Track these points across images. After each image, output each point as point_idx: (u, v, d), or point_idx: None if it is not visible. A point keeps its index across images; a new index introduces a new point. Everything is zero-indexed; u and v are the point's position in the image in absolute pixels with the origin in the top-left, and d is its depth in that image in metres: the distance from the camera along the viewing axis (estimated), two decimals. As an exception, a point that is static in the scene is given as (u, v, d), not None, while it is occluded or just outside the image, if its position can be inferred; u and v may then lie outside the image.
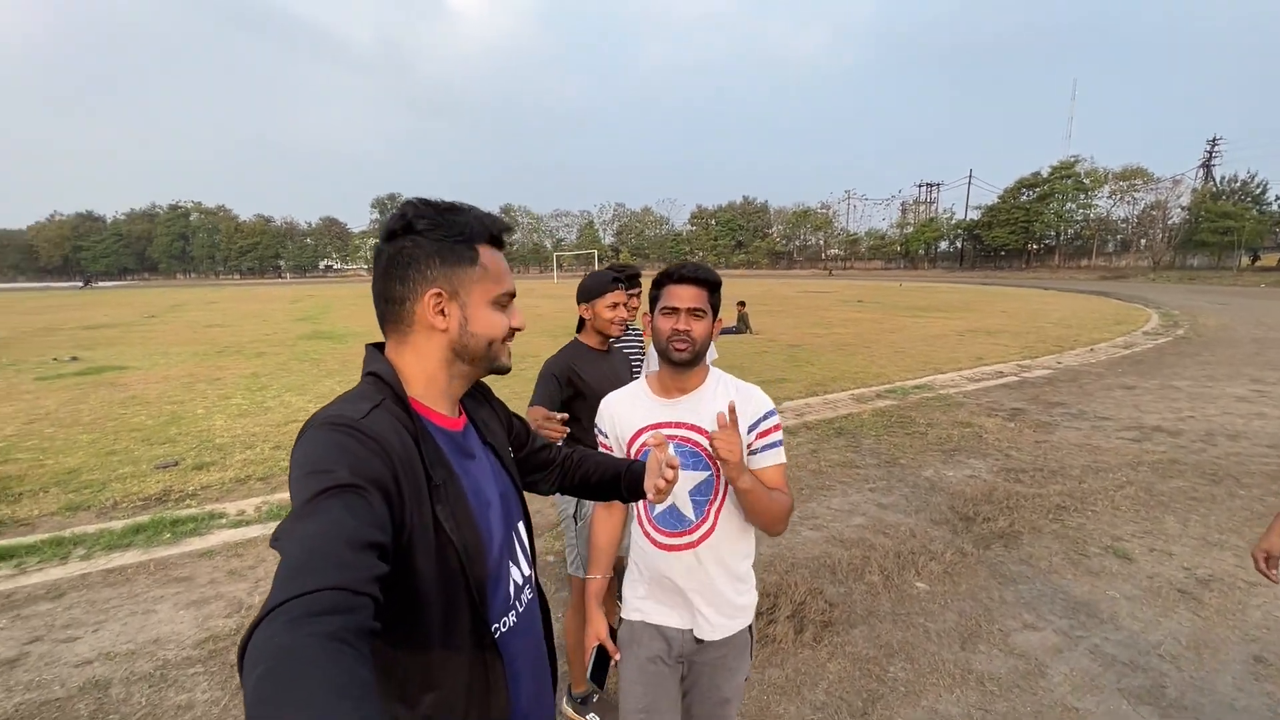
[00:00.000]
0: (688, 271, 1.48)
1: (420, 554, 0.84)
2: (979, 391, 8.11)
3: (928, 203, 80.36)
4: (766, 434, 1.49)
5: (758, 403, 1.51)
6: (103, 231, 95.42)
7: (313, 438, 0.80)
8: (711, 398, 1.51)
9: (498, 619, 0.98)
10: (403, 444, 0.84)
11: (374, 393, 0.89)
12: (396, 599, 0.82)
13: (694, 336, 1.46)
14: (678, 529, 1.53)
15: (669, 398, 1.55)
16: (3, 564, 3.66)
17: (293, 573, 0.61)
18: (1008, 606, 3.10)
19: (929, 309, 21.12)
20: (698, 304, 1.46)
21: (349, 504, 0.71)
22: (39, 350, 12.97)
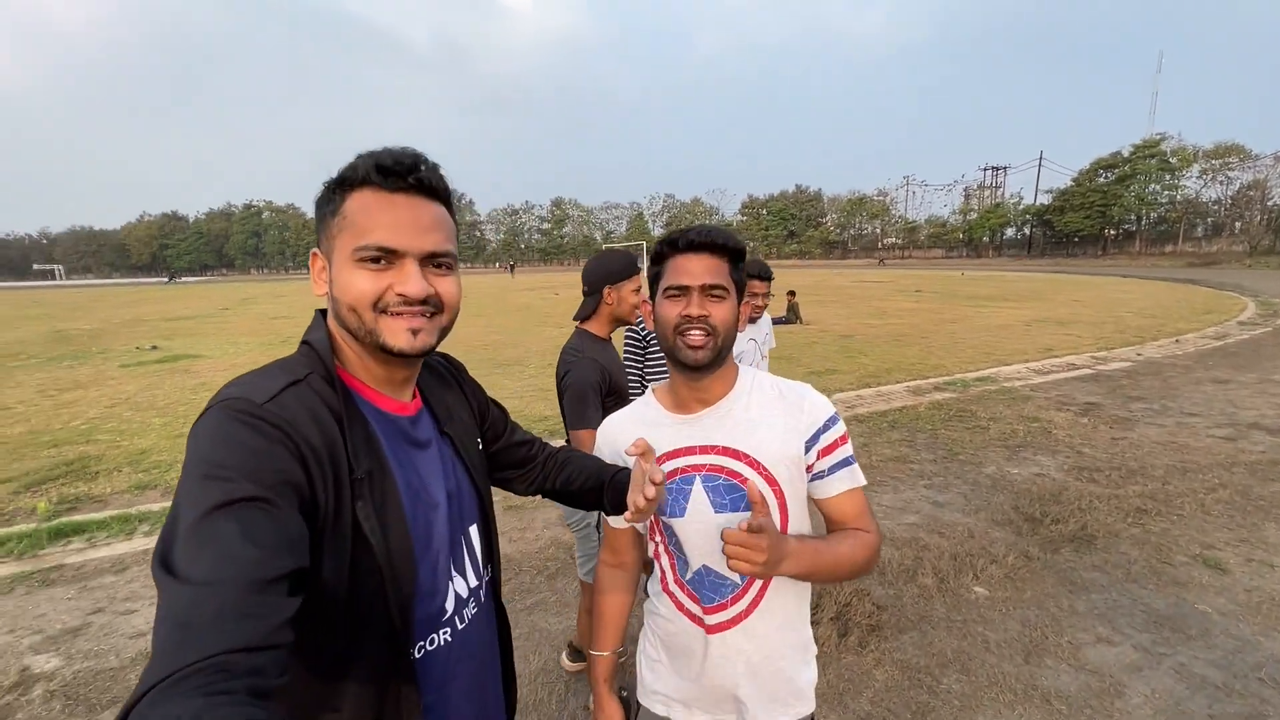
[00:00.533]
0: (697, 235, 1.06)
1: (329, 554, 0.71)
2: (1048, 384, 7.58)
3: (993, 187, 76.45)
4: (831, 449, 1.09)
5: (814, 408, 1.10)
6: (185, 230, 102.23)
7: (210, 424, 0.67)
8: (745, 408, 1.11)
9: (424, 637, 0.84)
10: (321, 430, 0.72)
11: (301, 365, 0.78)
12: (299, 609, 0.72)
13: (714, 324, 1.04)
14: (717, 600, 1.11)
15: (687, 413, 1.14)
16: (76, 538, 3.89)
17: (178, 634, 0.51)
18: (1079, 617, 2.82)
19: (993, 298, 20.02)
20: (715, 279, 1.05)
21: (248, 525, 0.59)
22: (125, 340, 13.93)
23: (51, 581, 3.39)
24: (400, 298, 0.78)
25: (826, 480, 1.10)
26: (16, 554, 3.67)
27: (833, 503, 1.11)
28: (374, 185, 0.78)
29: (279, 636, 0.55)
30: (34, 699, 2.45)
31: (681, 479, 1.11)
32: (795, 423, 1.09)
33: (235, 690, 0.49)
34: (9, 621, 3.00)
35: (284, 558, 0.60)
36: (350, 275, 0.78)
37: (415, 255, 0.79)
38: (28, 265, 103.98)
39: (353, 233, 0.77)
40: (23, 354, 11.92)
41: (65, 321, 18.98)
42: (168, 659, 0.49)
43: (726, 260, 1.08)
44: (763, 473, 1.08)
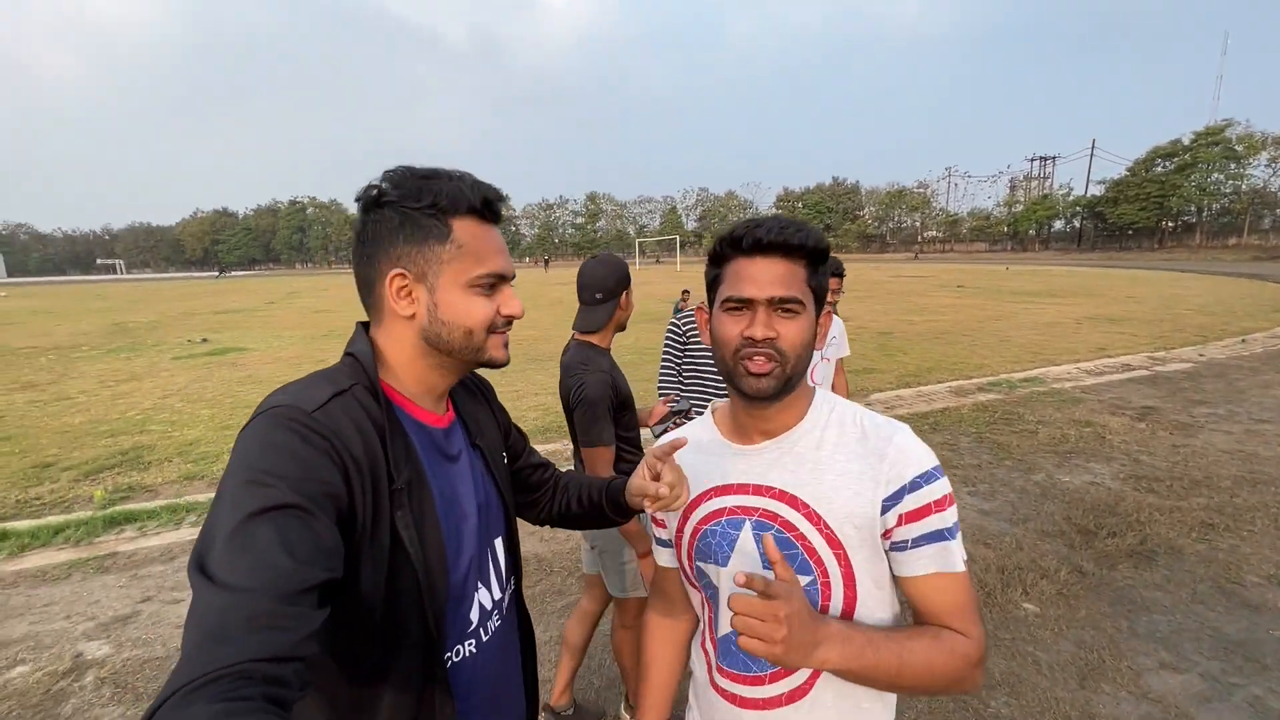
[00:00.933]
0: (766, 233, 0.84)
1: (368, 564, 0.74)
2: (1100, 386, 7.22)
3: (1041, 178, 73.61)
4: (919, 515, 0.83)
5: (901, 456, 0.85)
6: (235, 226, 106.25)
7: (259, 430, 0.69)
8: (815, 445, 0.90)
9: (451, 648, 0.85)
10: (364, 441, 0.74)
11: (345, 376, 0.79)
12: (338, 615, 0.71)
13: (782, 348, 0.84)
14: (753, 670, 0.91)
15: (746, 443, 0.94)
16: (129, 526, 4.04)
17: (208, 638, 0.53)
18: (1139, 640, 2.66)
19: (1040, 294, 19.26)
20: (787, 290, 0.83)
21: (286, 534, 0.60)
22: (178, 333, 14.52)
23: (105, 569, 3.52)
24: (507, 319, 0.86)
25: (908, 555, 0.84)
26: (74, 541, 3.84)
27: (916, 586, 0.85)
28: (478, 216, 0.83)
29: (303, 649, 0.57)
30: (85, 685, 2.54)
31: (728, 521, 0.92)
32: (874, 473, 0.85)
33: (254, 698, 0.50)
34: (65, 607, 3.13)
35: (317, 569, 0.61)
36: (469, 300, 0.82)
37: (510, 279, 0.87)
38: (92, 260, 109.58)
39: (470, 261, 0.81)
40: (85, 345, 12.54)
41: (124, 314, 19.90)
42: (195, 663, 0.51)
43: (804, 264, 0.86)
44: (824, 530, 0.86)
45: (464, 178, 0.82)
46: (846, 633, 0.78)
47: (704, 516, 0.95)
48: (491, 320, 0.84)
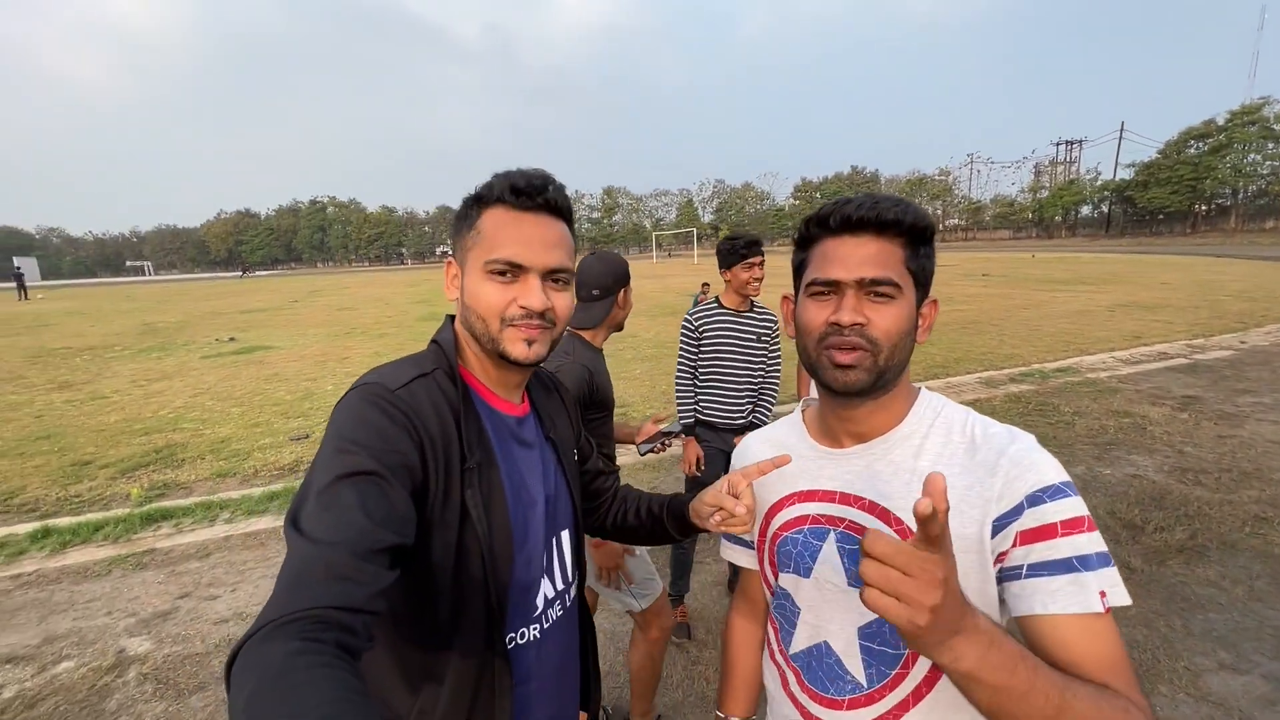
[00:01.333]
0: (859, 209, 0.75)
1: (439, 538, 0.79)
2: (1138, 375, 7.01)
3: (1067, 163, 71.78)
4: (1041, 536, 0.68)
5: (1017, 469, 0.71)
6: (257, 227, 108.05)
7: (350, 404, 0.76)
8: (914, 453, 0.79)
9: (516, 629, 0.89)
10: (440, 420, 0.79)
11: (429, 360, 0.86)
12: (409, 581, 0.78)
13: (874, 336, 0.74)
14: (835, 694, 0.81)
15: (834, 446, 0.86)
16: (165, 523, 4.11)
17: (293, 583, 0.59)
18: (1195, 640, 2.55)
19: (1069, 281, 18.79)
20: (882, 271, 0.74)
21: (365, 497, 0.67)
22: (206, 332, 14.79)
23: (144, 565, 3.58)
24: (522, 310, 0.84)
25: (1025, 585, 0.67)
26: (113, 538, 3.91)
27: (1042, 629, 0.66)
28: (507, 204, 0.85)
29: (374, 604, 0.61)
30: (129, 681, 2.58)
31: (811, 530, 0.85)
32: (982, 488, 0.72)
33: (326, 641, 0.54)
34: (106, 603, 3.18)
35: (390, 532, 0.66)
36: (480, 286, 0.84)
37: (538, 270, 0.84)
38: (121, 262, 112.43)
39: (485, 247, 0.84)
40: (118, 345, 12.82)
41: (153, 315, 20.34)
42: (280, 603, 0.57)
43: (901, 244, 0.76)
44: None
45: (513, 171, 0.86)
46: (998, 635, 0.58)
47: (786, 522, 0.87)
48: (504, 310, 0.84)
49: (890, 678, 0.77)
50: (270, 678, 0.49)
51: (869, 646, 0.79)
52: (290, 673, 0.50)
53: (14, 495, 4.66)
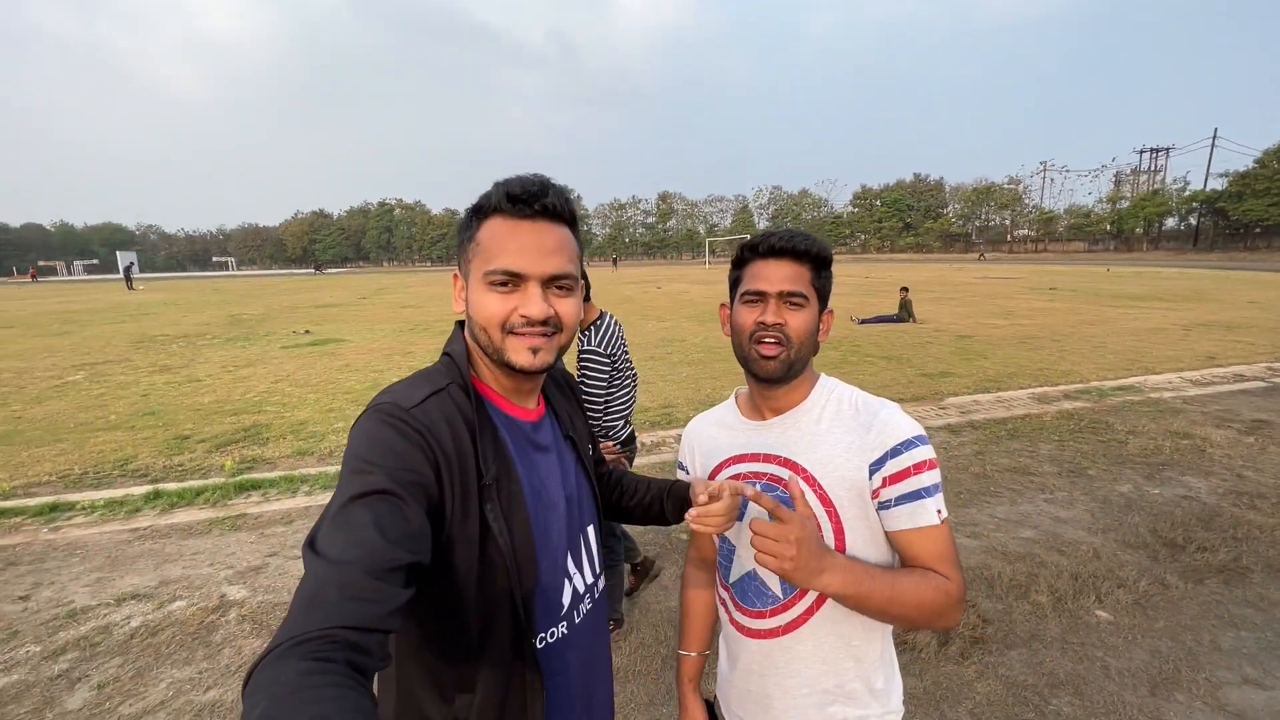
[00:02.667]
0: (779, 240, 1.02)
1: (461, 553, 0.80)
2: (1206, 397, 6.72)
3: (1151, 171, 67.41)
4: (900, 478, 0.97)
5: (886, 427, 0.99)
6: (330, 226, 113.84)
7: (364, 425, 0.78)
8: (815, 420, 1.05)
9: (545, 629, 0.90)
10: (454, 437, 0.80)
11: (443, 375, 0.87)
12: (435, 597, 0.80)
13: (789, 334, 1.00)
14: (757, 606, 1.08)
15: (758, 419, 1.11)
16: (254, 492, 4.61)
17: (307, 603, 0.60)
18: (1222, 654, 2.58)
19: (1145, 298, 17.80)
20: (795, 286, 1.01)
21: (380, 516, 0.68)
22: (284, 325, 15.90)
23: (238, 527, 4.06)
24: (524, 319, 0.84)
25: (892, 512, 0.98)
26: (211, 502, 4.43)
27: (900, 539, 0.99)
28: (504, 213, 0.84)
29: (386, 623, 0.62)
30: (230, 620, 2.99)
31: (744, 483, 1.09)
32: (861, 442, 0.99)
33: (337, 660, 0.56)
34: (209, 557, 3.65)
35: (404, 551, 0.67)
36: (482, 297, 0.85)
37: (537, 278, 0.84)
38: (208, 257, 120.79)
39: (484, 258, 0.84)
40: (209, 334, 14.00)
41: (238, 307, 21.95)
42: (294, 624, 0.58)
43: (809, 266, 1.03)
44: (818, 491, 1.01)
45: (510, 179, 0.86)
46: (848, 563, 0.92)
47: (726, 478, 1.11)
48: (505, 319, 0.84)
49: (798, 590, 1.04)
50: (281, 697, 0.51)
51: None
52: (300, 692, 0.51)
53: (128, 462, 5.31)
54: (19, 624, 2.98)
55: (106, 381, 8.77)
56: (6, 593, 3.27)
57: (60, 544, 3.85)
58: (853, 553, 1.00)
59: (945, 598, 0.94)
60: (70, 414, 6.96)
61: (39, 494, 4.63)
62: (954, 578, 0.96)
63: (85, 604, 3.14)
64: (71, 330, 15.27)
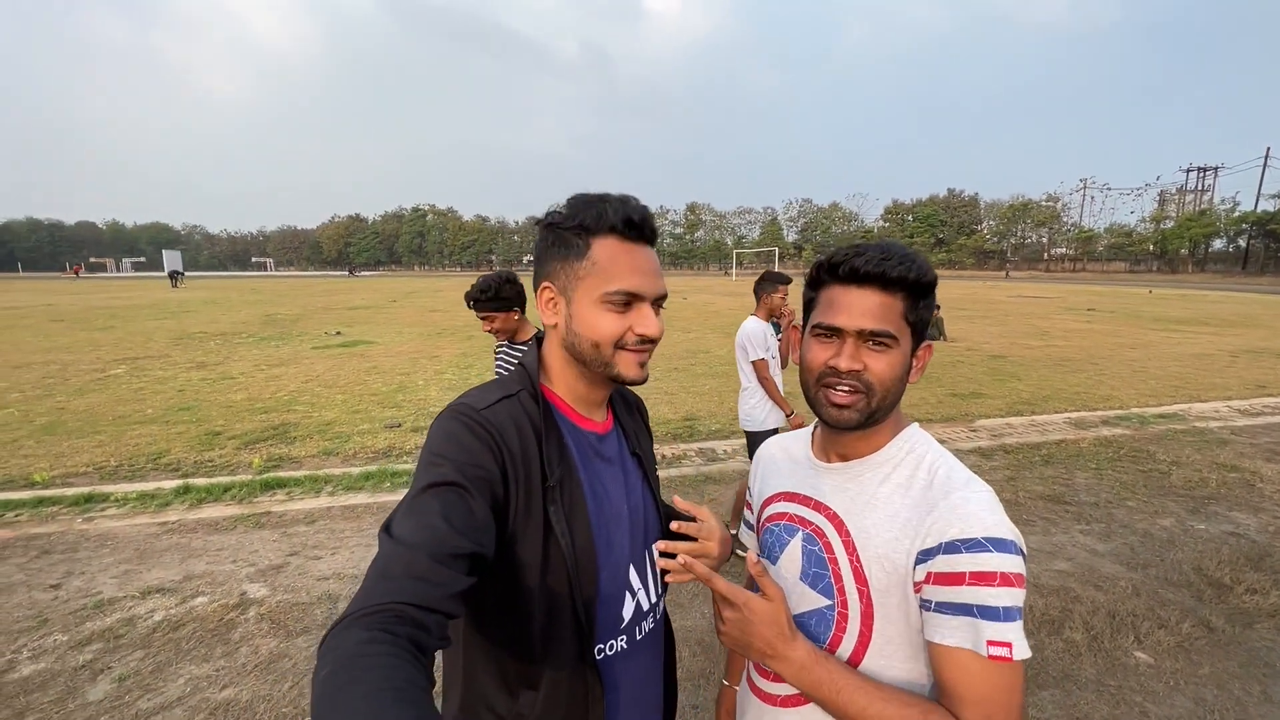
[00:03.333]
0: (866, 262, 0.82)
1: (525, 550, 0.83)
2: (1256, 428, 6.41)
3: (1199, 191, 65.22)
4: (951, 581, 0.76)
5: (950, 515, 0.78)
6: (365, 230, 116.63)
7: (440, 423, 0.83)
8: (881, 480, 0.88)
9: (604, 640, 0.91)
10: (521, 438, 0.83)
11: (514, 382, 0.91)
12: (501, 592, 0.83)
13: (871, 382, 0.83)
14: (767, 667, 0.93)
15: (824, 460, 0.96)
16: (279, 490, 4.69)
17: (377, 579, 0.65)
18: (1274, 708, 2.42)
19: (1188, 321, 17.16)
20: (882, 324, 0.82)
21: (448, 506, 0.72)
22: (317, 325, 16.28)
23: (261, 524, 4.12)
24: (640, 337, 0.87)
25: (930, 617, 0.78)
26: (238, 499, 4.51)
27: (932, 655, 0.78)
28: (620, 235, 0.87)
29: (448, 606, 0.65)
30: (249, 618, 3.02)
31: (785, 526, 0.98)
32: (918, 522, 0.81)
33: (400, 634, 0.59)
34: (232, 553, 3.71)
35: (468, 540, 0.71)
36: (597, 316, 0.86)
37: (652, 299, 0.89)
38: (248, 258, 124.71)
39: (602, 278, 0.85)
40: (244, 333, 14.39)
41: (273, 307, 22.55)
42: (365, 597, 0.63)
43: (903, 297, 0.83)
44: (854, 563, 0.86)
45: (615, 200, 0.87)
46: (808, 662, 0.79)
47: (771, 515, 1.01)
48: (620, 337, 0.87)
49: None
50: (344, 662, 0.55)
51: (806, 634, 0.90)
52: (361, 658, 0.55)
53: (161, 456, 5.45)
54: (49, 612, 3.06)
55: (145, 376, 9.06)
56: (39, 581, 3.37)
57: (92, 535, 3.95)
58: (878, 647, 0.84)
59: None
60: (109, 407, 7.19)
61: (76, 484, 4.78)
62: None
63: (112, 595, 3.21)
64: (116, 325, 15.85)
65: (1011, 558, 0.75)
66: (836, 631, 0.87)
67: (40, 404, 7.30)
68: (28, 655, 2.72)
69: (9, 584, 3.33)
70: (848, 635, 0.86)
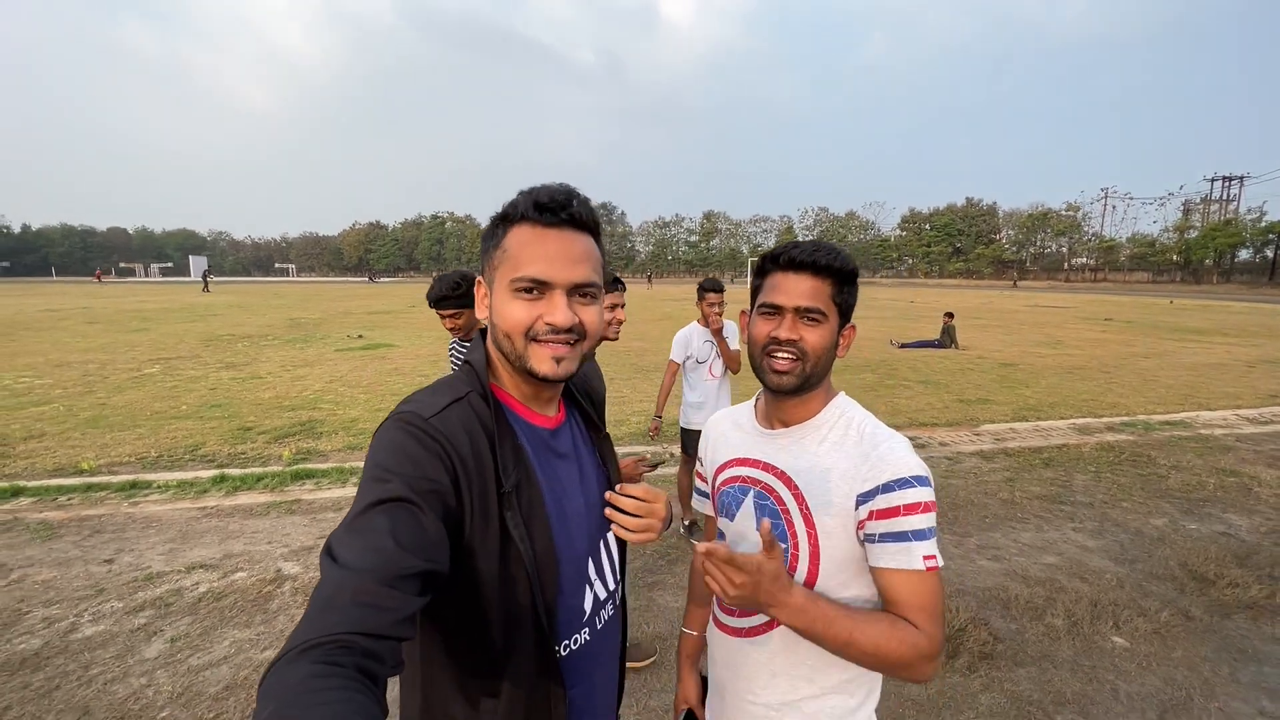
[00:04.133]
0: (800, 253, 1.00)
1: (483, 561, 0.80)
2: (1262, 436, 6.45)
3: (1224, 200, 64.08)
4: (888, 515, 0.95)
5: (883, 462, 0.97)
6: (385, 237, 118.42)
7: (384, 434, 0.79)
8: (819, 440, 1.04)
9: (567, 636, 0.90)
10: (473, 446, 0.80)
11: (463, 383, 0.87)
12: (458, 602, 0.81)
13: (805, 350, 1.00)
14: (731, 606, 1.09)
15: (768, 428, 1.11)
16: (308, 481, 4.97)
17: (321, 608, 0.61)
18: (1240, 687, 2.56)
19: (1207, 331, 16.99)
20: (814, 302, 1.00)
21: (397, 524, 0.69)
22: (339, 329, 16.73)
23: (293, 511, 4.40)
24: (549, 327, 0.84)
25: (875, 548, 0.96)
26: (270, 488, 4.80)
27: (880, 578, 0.96)
28: (531, 221, 0.84)
29: (398, 630, 0.62)
30: (284, 591, 3.29)
31: (739, 487, 1.13)
32: (856, 470, 0.98)
33: (346, 666, 0.56)
34: (267, 535, 3.99)
35: (419, 558, 0.67)
36: (507, 304, 0.84)
37: (563, 287, 0.84)
38: (271, 263, 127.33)
39: (510, 265, 0.84)
40: (270, 335, 14.87)
41: (297, 311, 23.15)
42: (306, 629, 0.58)
43: (831, 282, 1.01)
44: (804, 510, 1.02)
45: (536, 187, 0.86)
46: (804, 604, 0.90)
47: (726, 479, 1.16)
48: (529, 326, 0.84)
49: None
50: (289, 700, 0.52)
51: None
52: (306, 695, 0.52)
53: (198, 448, 5.78)
54: (104, 583, 3.34)
55: (179, 375, 9.47)
56: (94, 556, 3.66)
57: (139, 517, 4.26)
58: (825, 576, 1.01)
59: (912, 651, 0.90)
60: (147, 403, 7.57)
61: (121, 473, 5.11)
62: (929, 632, 0.92)
63: (160, 569, 3.50)
64: (148, 327, 16.45)
65: (928, 489, 0.96)
66: (790, 568, 1.03)
67: (83, 400, 7.71)
68: (89, 619, 3.00)
69: (67, 558, 3.63)
70: (799, 570, 1.03)
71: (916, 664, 0.91)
